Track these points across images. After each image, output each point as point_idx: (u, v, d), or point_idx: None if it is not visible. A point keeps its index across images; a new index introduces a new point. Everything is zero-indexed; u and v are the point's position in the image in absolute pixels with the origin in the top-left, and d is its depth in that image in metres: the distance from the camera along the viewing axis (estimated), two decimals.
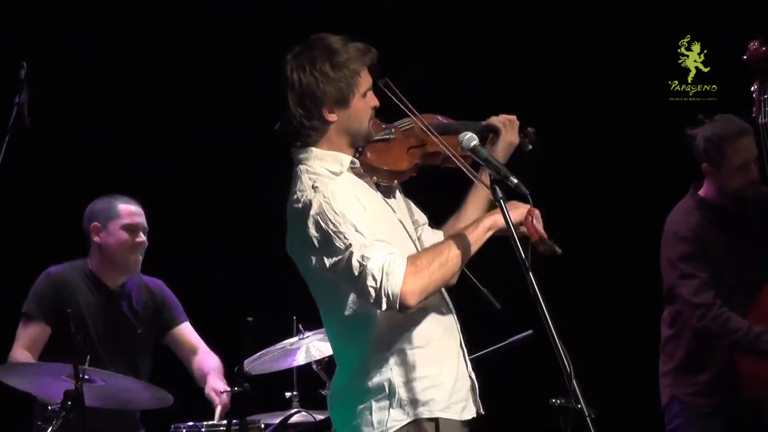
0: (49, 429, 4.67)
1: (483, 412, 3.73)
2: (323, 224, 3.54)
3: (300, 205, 3.59)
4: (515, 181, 3.50)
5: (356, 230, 3.51)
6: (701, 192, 5.19)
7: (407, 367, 3.59)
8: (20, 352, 5.42)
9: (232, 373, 5.19)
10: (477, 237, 3.59)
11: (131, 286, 5.67)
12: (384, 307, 3.48)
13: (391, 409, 3.58)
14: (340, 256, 3.50)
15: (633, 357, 6.21)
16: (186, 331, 5.80)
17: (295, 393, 5.78)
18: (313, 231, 3.55)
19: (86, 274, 5.59)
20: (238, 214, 6.79)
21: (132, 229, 5.56)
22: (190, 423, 5.48)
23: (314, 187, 3.59)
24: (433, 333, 3.64)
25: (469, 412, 3.69)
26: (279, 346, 5.64)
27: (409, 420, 3.58)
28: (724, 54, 5.42)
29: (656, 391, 5.26)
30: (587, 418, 3.31)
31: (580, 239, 6.61)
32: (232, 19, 6.79)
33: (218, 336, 5.77)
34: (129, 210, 5.59)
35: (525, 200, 3.44)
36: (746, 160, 5.06)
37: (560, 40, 6.70)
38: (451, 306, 3.76)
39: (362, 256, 3.48)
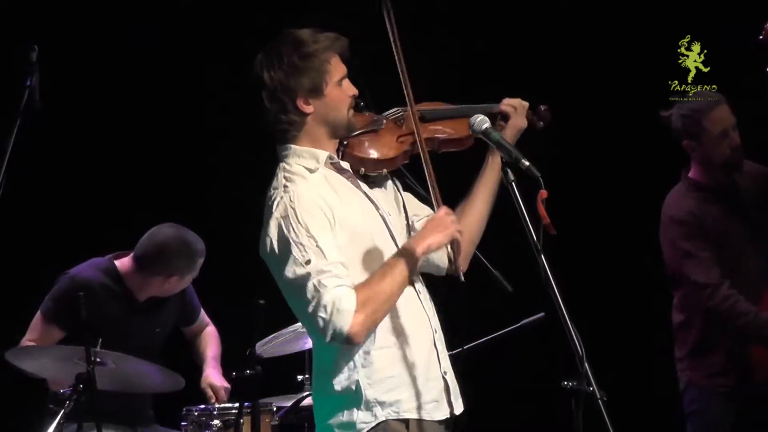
0: (61, 412, 4.68)
1: (456, 413, 3.66)
2: (285, 230, 3.52)
3: (270, 202, 3.59)
4: (527, 163, 3.48)
5: (317, 245, 3.48)
6: (691, 174, 5.19)
7: (373, 368, 3.54)
8: (28, 343, 5.31)
9: (243, 356, 5.19)
10: (413, 266, 3.54)
11: None
12: (328, 339, 3.46)
13: (359, 411, 3.53)
14: (296, 270, 3.47)
15: (647, 340, 6.20)
16: (200, 322, 5.79)
17: (306, 376, 5.78)
18: (273, 233, 3.54)
19: (113, 277, 5.41)
20: (248, 194, 6.76)
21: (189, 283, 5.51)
22: (203, 406, 5.50)
23: (285, 186, 3.58)
24: (400, 333, 3.59)
25: (442, 413, 3.63)
26: (291, 328, 5.62)
27: (376, 422, 3.54)
28: (724, 54, 5.43)
29: (671, 374, 5.26)
30: (599, 401, 3.30)
31: (595, 228, 6.64)
32: (230, 15, 6.76)
33: (230, 319, 5.76)
34: (198, 266, 5.44)
35: (536, 182, 3.42)
36: (725, 128, 5.08)
37: (560, 40, 6.69)
38: (425, 304, 3.69)
39: (319, 282, 3.45)
